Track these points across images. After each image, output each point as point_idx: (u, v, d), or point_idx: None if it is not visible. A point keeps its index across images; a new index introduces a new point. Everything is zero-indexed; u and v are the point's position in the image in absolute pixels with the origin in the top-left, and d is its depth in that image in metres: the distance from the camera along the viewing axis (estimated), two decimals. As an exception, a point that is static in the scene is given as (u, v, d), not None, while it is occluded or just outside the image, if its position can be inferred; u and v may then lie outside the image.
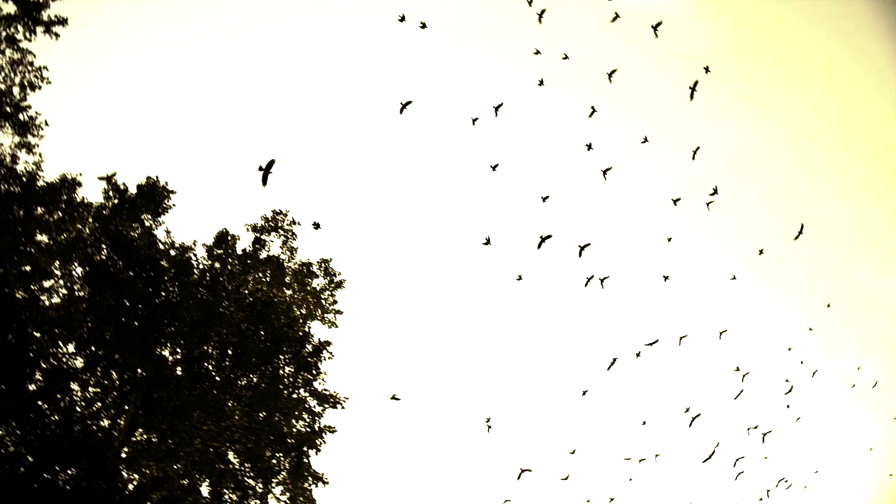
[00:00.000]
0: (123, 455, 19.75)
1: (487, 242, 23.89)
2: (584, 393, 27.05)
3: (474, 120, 24.67)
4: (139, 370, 20.62)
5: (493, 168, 24.42)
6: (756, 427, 30.93)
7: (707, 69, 25.71)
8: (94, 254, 21.15)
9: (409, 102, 21.81)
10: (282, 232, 22.62)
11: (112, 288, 20.51)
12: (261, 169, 17.33)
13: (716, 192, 27.44)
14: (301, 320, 21.78)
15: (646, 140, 26.91)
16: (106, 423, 20.16)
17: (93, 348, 20.35)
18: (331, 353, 21.26)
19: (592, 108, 26.04)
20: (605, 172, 26.08)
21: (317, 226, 21.65)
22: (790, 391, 31.45)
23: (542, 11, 24.43)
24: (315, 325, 22.52)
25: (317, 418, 20.98)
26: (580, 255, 25.48)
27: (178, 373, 20.94)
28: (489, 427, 24.99)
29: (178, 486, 19.75)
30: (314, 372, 20.78)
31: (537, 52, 26.32)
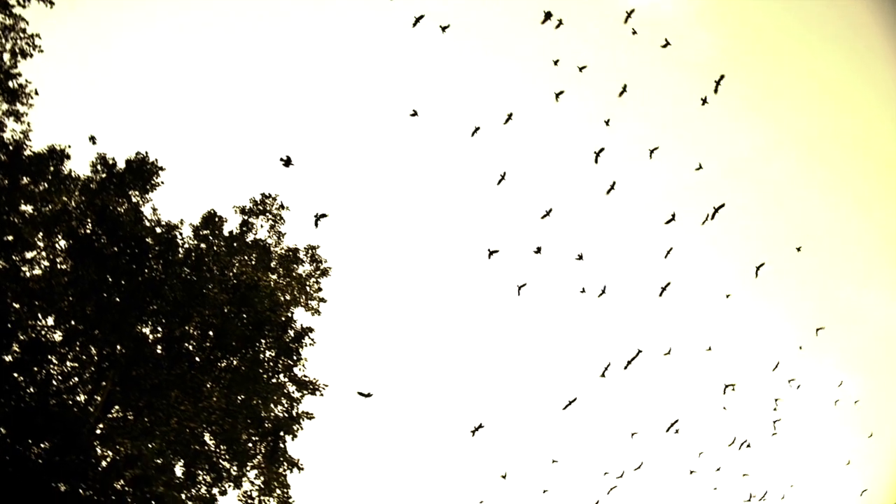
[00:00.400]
0: (98, 431, 19.62)
1: (491, 254, 24.02)
2: (569, 404, 27.11)
3: (475, 130, 24.62)
4: (118, 347, 20.48)
5: (501, 178, 24.46)
6: (744, 443, 31.24)
7: (719, 82, 25.53)
8: (78, 227, 20.93)
9: (414, 113, 21.90)
10: (270, 216, 22.49)
11: (95, 262, 20.33)
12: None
13: (717, 211, 27.47)
14: (284, 305, 21.69)
15: (654, 150, 26.86)
16: (82, 398, 20.02)
17: (72, 322, 20.18)
18: (312, 340, 21.22)
19: (606, 121, 26.05)
20: (610, 189, 26.14)
21: (320, 217, 21.63)
22: (776, 408, 31.76)
23: (559, 23, 24.33)
24: (298, 311, 22.45)
25: (295, 404, 20.94)
26: (580, 258, 25.59)
27: (158, 351, 20.81)
28: (477, 428, 24.94)
29: (152, 464, 19.65)
30: (295, 358, 20.74)
31: (556, 62, 26.14)
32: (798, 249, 33.76)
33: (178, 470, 20.49)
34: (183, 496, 20.25)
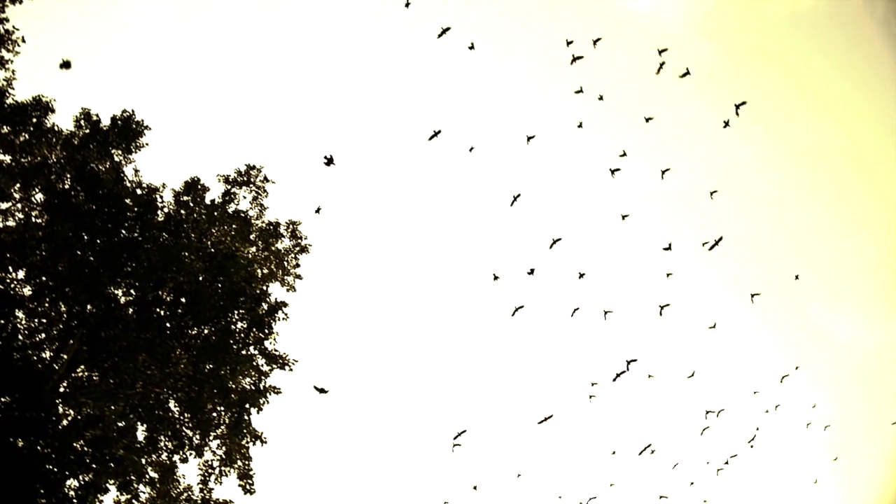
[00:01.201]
0: (61, 389, 19.42)
1: (496, 278, 24.23)
2: (544, 420, 27.28)
3: (470, 149, 24.67)
4: (89, 306, 20.25)
5: (514, 199, 24.66)
6: (725, 462, 31.70)
7: (739, 106, 25.75)
8: (57, 182, 20.63)
9: (438, 132, 22.19)
10: (253, 187, 22.27)
11: (72, 219, 20.04)
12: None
13: (717, 242, 27.80)
14: (261, 279, 21.56)
15: (624, 154, 27.09)
16: (47, 355, 19.79)
17: (43, 278, 19.92)
18: (286, 315, 21.11)
19: (624, 151, 26.29)
20: (623, 218, 26.55)
21: (318, 210, 21.72)
22: (754, 437, 32.22)
23: (577, 58, 24.62)
24: (274, 287, 22.33)
25: (263, 377, 20.84)
26: (582, 276, 25.78)
27: (129, 314, 20.60)
28: (459, 435, 24.96)
29: (113, 426, 19.52)
30: (266, 331, 20.61)
31: (579, 91, 26.26)
32: (796, 277, 34.21)
33: (140, 434, 20.35)
34: (143, 461, 20.13)
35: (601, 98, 27.82)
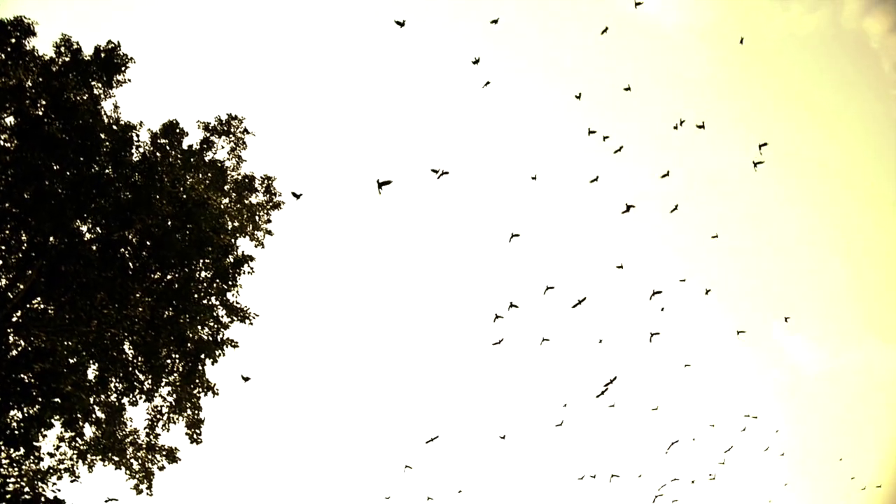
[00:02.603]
0: (14, 319, 19.06)
1: (498, 316, 24.30)
2: (502, 437, 27.60)
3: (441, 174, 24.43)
4: (52, 238, 19.84)
5: (512, 237, 24.72)
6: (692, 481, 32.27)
7: (762, 146, 26.50)
8: (31, 108, 20.04)
9: (442, 173, 22.25)
10: (233, 138, 21.89)
11: (43, 148, 19.53)
12: (379, 184, 19.74)
13: (707, 292, 28.71)
14: (230, 230, 21.26)
15: (665, 175, 27.53)
16: (3, 282, 19.38)
17: (7, 204, 19.43)
18: (252, 269, 20.89)
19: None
20: (627, 208, 26.79)
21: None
22: (723, 461, 32.80)
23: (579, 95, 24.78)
24: (244, 240, 22.04)
25: (222, 329, 20.65)
26: (581, 302, 25.93)
27: (92, 251, 20.22)
28: (431, 440, 25.13)
29: (64, 362, 19.23)
30: (230, 283, 20.38)
31: (578, 97, 26.64)
32: (786, 319, 34.99)
33: (91, 373, 20.10)
34: (91, 400, 19.89)
35: (578, 97, 28.19)
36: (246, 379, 20.14)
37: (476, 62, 24.43)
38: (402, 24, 22.41)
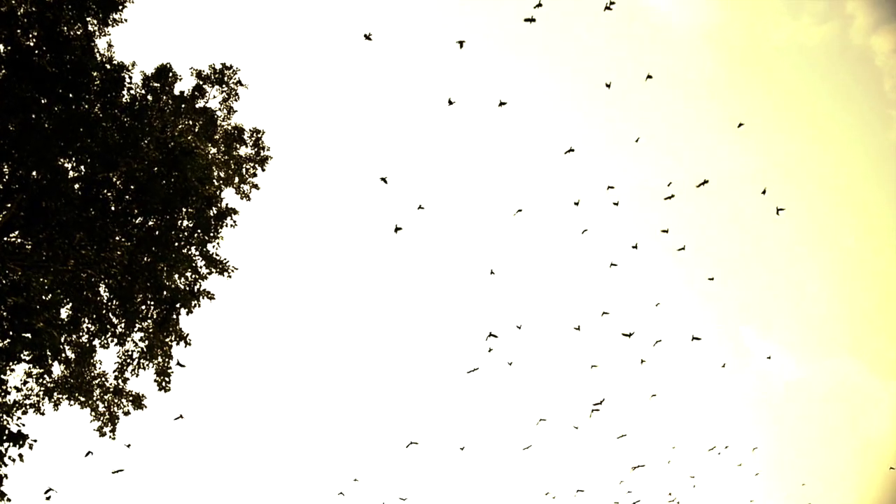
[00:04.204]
0: (-10, 250, 18.88)
1: (489, 337, 24.31)
2: (461, 449, 27.88)
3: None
4: (35, 173, 19.59)
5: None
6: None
7: (779, 210, 26.84)
8: (22, 38, 19.66)
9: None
10: (225, 87, 21.63)
11: (32, 80, 19.19)
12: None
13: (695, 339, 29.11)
14: (217, 181, 21.10)
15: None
16: (-18, 212, 19.15)
17: (-9, 134, 19.13)
18: (234, 223, 20.77)
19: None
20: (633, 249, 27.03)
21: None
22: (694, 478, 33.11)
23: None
24: (229, 192, 21.91)
25: (200, 280, 20.57)
26: (578, 328, 26.02)
27: (75, 190, 20.00)
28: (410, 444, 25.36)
29: (38, 298, 19.08)
30: (212, 234, 20.26)
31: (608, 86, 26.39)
32: (768, 358, 34.78)
33: (64, 313, 19.99)
34: (62, 339, 19.81)
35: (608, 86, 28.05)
36: (181, 365, 20.28)
37: (461, 45, 23.98)
38: (368, 37, 22.29)
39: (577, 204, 27.84)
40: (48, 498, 20.47)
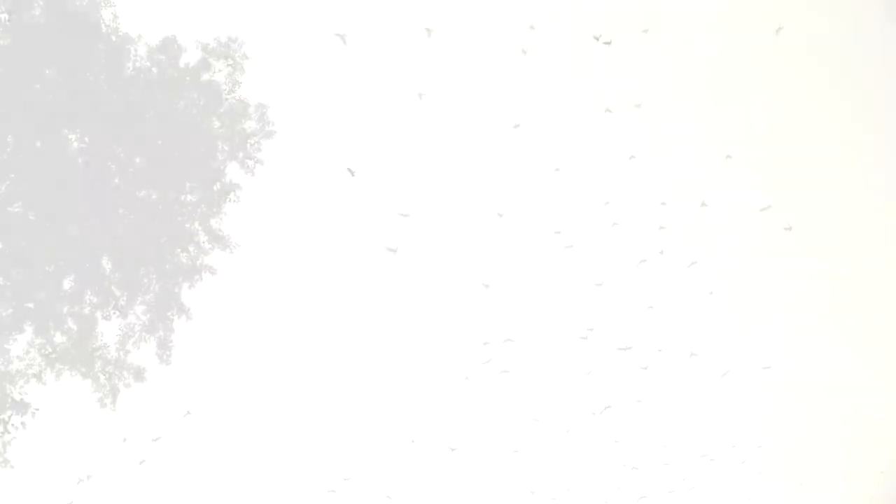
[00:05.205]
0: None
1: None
2: (451, 452, 27.94)
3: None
4: (38, 143, 19.62)
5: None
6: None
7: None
8: (28, 6, 19.64)
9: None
10: (231, 61, 21.55)
11: (38, 49, 19.19)
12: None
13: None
14: (220, 155, 21.07)
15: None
16: (-15, 182, 19.17)
17: (-6, 104, 19.12)
18: (238, 198, 20.81)
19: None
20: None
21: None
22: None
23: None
24: (232, 167, 21.83)
25: (202, 255, 20.66)
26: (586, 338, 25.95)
27: (78, 161, 20.03)
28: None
29: (41, 269, 19.29)
30: (215, 209, 20.34)
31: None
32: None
33: (67, 283, 20.09)
34: (64, 310, 19.98)
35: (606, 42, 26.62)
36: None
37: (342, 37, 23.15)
38: (342, 38, 22.16)
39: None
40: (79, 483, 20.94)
